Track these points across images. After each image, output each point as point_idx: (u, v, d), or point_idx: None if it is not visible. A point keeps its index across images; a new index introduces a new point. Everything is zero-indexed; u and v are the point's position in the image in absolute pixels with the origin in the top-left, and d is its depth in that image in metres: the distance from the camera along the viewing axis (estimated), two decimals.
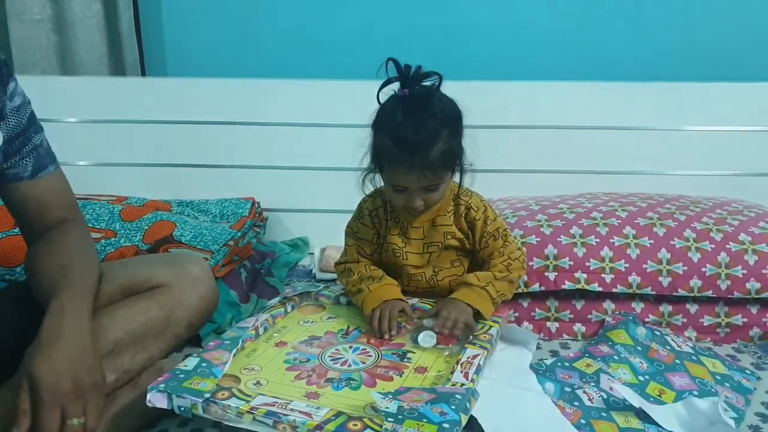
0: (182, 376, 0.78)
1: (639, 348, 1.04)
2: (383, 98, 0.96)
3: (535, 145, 1.62)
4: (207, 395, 0.74)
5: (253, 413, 0.71)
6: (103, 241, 1.27)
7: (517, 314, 1.17)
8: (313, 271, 1.51)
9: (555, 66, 1.70)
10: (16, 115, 0.81)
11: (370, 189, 1.04)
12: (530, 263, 1.16)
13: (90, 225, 1.30)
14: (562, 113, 1.61)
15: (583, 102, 1.61)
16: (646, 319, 1.15)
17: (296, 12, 1.71)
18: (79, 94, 1.65)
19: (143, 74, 1.76)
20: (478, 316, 0.98)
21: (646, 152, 1.62)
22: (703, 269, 1.13)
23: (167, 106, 1.64)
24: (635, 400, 0.87)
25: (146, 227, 1.31)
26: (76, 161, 1.62)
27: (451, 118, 0.94)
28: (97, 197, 1.46)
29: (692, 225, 1.19)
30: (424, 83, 0.94)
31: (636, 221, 1.21)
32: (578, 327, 1.17)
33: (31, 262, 0.84)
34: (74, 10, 1.66)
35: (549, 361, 1.02)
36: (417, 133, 0.90)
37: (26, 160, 0.83)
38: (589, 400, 0.91)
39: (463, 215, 1.04)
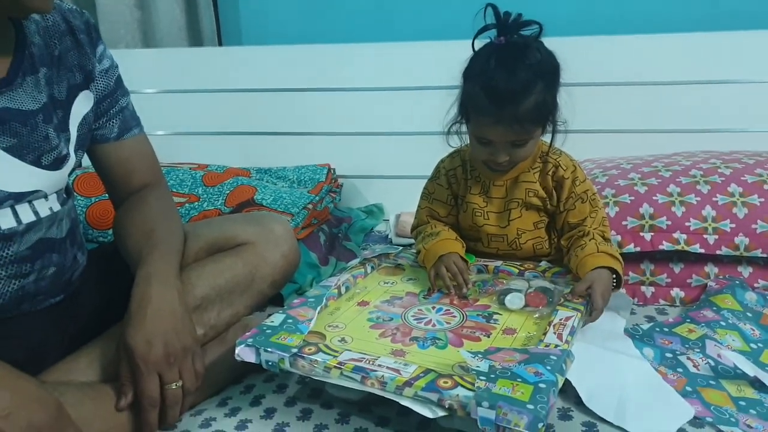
0: (269, 331, 0.78)
1: (749, 314, 0.95)
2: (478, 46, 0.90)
3: (619, 103, 1.50)
4: (294, 350, 0.74)
5: (341, 368, 0.71)
6: (187, 205, 1.31)
7: None
8: (389, 236, 1.50)
9: (641, 19, 1.56)
10: (105, 77, 0.83)
11: (455, 140, 0.99)
12: (623, 223, 1.08)
13: (174, 190, 1.35)
14: (647, 68, 1.48)
15: (676, 55, 1.47)
16: (756, 285, 1.05)
17: None
18: (159, 65, 1.70)
19: (220, 44, 1.79)
20: (616, 279, 0.91)
21: (749, 108, 1.46)
22: None
23: (244, 74, 1.65)
24: (749, 369, 0.80)
25: (228, 191, 1.33)
26: (155, 131, 1.68)
27: (547, 71, 0.87)
28: (179, 164, 1.51)
29: None
30: (523, 32, 0.87)
31: (743, 178, 1.10)
32: (676, 292, 1.09)
33: (117, 227, 0.87)
34: None
35: (646, 326, 0.96)
36: (508, 83, 0.85)
37: (113, 122, 0.85)
38: (695, 366, 0.84)
39: (550, 173, 0.97)
